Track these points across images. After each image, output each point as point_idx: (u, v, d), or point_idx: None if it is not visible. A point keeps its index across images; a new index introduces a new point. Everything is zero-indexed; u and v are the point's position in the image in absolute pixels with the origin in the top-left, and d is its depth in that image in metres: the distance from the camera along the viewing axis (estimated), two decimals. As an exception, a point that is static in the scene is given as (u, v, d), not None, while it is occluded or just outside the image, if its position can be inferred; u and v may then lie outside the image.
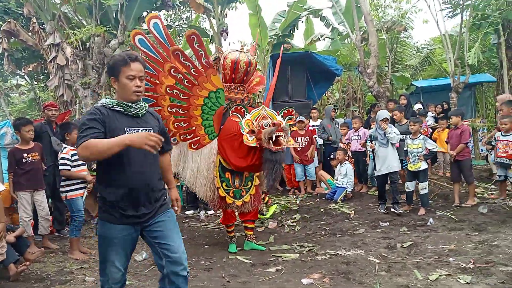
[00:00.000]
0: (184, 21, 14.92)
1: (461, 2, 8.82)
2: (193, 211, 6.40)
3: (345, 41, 12.10)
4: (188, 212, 6.34)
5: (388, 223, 5.05)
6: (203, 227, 5.58)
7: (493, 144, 5.77)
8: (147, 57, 4.08)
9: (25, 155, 4.45)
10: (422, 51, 14.40)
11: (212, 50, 12.17)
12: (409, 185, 5.54)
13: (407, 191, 5.60)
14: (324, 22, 12.49)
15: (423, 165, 5.37)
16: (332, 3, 11.69)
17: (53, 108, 5.43)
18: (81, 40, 8.33)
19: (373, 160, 5.78)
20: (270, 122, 3.71)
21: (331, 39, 12.69)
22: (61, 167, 4.25)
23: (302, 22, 12.79)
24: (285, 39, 12.02)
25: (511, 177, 5.34)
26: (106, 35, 8.41)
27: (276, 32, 12.14)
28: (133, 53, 2.26)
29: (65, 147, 4.35)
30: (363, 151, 6.94)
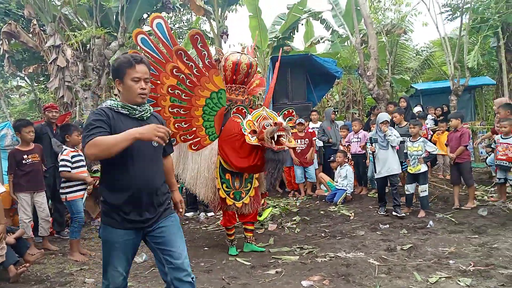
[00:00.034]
0: (185, 24, 14.98)
1: (461, 5, 8.85)
2: (193, 213, 6.40)
3: (345, 44, 12.13)
4: (188, 214, 6.34)
5: (388, 226, 5.05)
6: (203, 229, 5.58)
7: (493, 147, 5.79)
8: (149, 57, 4.07)
9: (25, 157, 4.45)
10: (422, 54, 14.46)
11: (212, 52, 12.17)
12: (409, 188, 5.54)
13: (407, 194, 5.59)
14: (324, 25, 12.53)
15: (423, 168, 5.38)
16: (332, 6, 11.72)
17: (54, 110, 5.43)
18: (82, 42, 8.35)
19: (373, 163, 5.78)
20: (272, 122, 3.70)
21: (331, 42, 12.73)
22: (61, 169, 4.25)
23: (302, 25, 12.84)
24: (285, 42, 12.07)
25: (511, 180, 5.35)
26: (107, 37, 8.44)
27: (276, 35, 12.18)
28: (138, 55, 2.23)
29: (65, 149, 4.34)
30: (363, 154, 6.95)
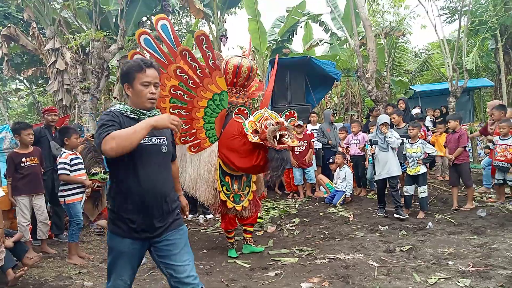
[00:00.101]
0: (184, 26, 15.00)
1: (459, 8, 8.89)
2: (192, 216, 6.39)
3: (344, 46, 12.16)
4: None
5: (387, 227, 5.05)
6: (202, 231, 5.57)
7: (492, 148, 5.80)
8: (152, 58, 4.07)
9: (24, 159, 4.45)
10: (421, 56, 14.53)
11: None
12: (408, 189, 5.54)
13: (406, 195, 5.59)
14: (323, 28, 12.57)
15: (422, 169, 5.38)
16: (331, 9, 11.78)
17: (53, 113, 5.43)
18: (81, 45, 8.35)
19: (373, 164, 5.77)
20: (273, 122, 3.69)
21: (330, 44, 12.76)
22: (60, 172, 4.24)
23: (301, 28, 12.87)
24: (284, 44, 12.08)
25: (510, 181, 5.36)
26: (106, 40, 8.44)
27: (275, 37, 12.21)
28: (148, 59, 2.21)
29: (64, 152, 4.34)
30: (362, 155, 6.96)
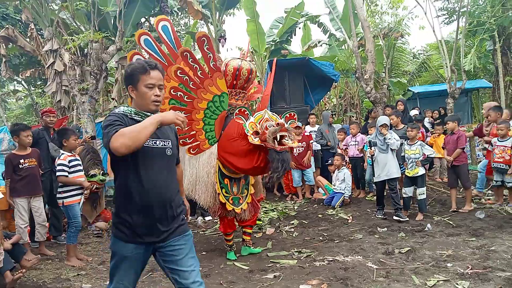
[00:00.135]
0: (182, 27, 14.98)
1: (457, 9, 8.92)
2: (191, 218, 6.38)
3: (342, 47, 12.18)
4: (186, 218, 6.32)
5: (386, 229, 5.05)
6: (201, 233, 5.57)
7: (490, 149, 5.80)
8: (151, 59, 4.06)
9: (22, 161, 4.43)
10: (419, 57, 14.55)
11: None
12: (407, 191, 5.54)
13: (405, 197, 5.59)
14: (322, 29, 12.57)
15: (421, 171, 5.39)
16: (330, 10, 11.78)
17: (51, 114, 5.42)
18: (79, 46, 8.33)
19: (371, 166, 5.77)
20: (274, 123, 3.69)
21: (329, 45, 12.77)
22: (58, 173, 4.23)
23: (300, 29, 12.86)
24: (283, 45, 12.07)
25: (508, 183, 5.37)
26: (104, 41, 8.42)
27: (274, 39, 12.20)
28: (153, 61, 2.20)
29: (63, 153, 4.33)
30: (361, 157, 6.96)
